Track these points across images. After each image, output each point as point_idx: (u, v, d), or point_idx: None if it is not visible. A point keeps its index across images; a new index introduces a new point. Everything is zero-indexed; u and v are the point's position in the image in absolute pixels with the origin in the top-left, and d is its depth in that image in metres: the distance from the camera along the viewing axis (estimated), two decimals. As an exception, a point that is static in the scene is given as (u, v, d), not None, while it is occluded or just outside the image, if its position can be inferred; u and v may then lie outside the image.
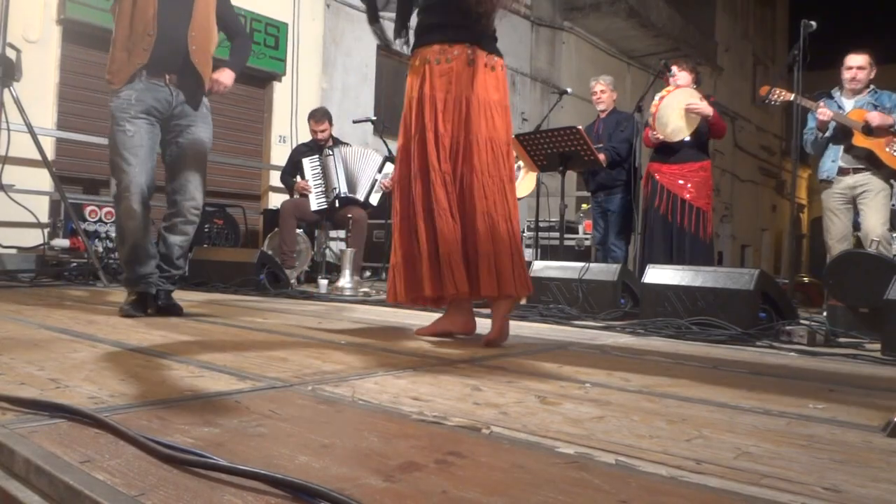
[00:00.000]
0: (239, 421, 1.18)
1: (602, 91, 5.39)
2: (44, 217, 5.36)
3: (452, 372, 1.78)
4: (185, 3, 2.94)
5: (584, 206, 7.40)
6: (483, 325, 2.54)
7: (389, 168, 5.70)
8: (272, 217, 6.65)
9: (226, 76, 3.09)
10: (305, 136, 6.72)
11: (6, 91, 4.53)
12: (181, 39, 2.93)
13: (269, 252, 5.38)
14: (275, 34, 7.91)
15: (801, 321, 3.18)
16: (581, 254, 6.77)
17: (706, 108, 4.53)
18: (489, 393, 1.51)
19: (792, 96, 4.43)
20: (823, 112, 4.35)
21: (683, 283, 3.22)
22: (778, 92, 4.53)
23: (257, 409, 1.26)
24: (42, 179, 5.17)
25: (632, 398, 1.52)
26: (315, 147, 5.81)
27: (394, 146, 6.25)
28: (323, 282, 5.03)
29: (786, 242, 4.73)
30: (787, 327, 2.87)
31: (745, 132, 19.38)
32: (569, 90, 5.81)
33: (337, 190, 5.55)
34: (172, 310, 2.98)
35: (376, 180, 5.67)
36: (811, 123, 4.58)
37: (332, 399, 1.39)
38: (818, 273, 5.46)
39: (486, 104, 2.42)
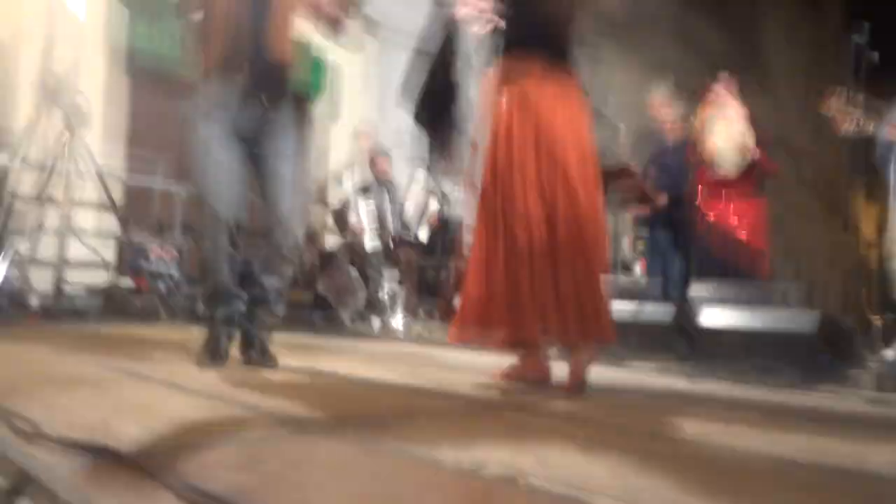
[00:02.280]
0: (276, 466, 1.18)
1: (667, 118, 5.14)
2: (110, 257, 5.59)
3: (497, 418, 1.75)
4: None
5: (641, 243, 7.28)
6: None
7: (433, 205, 5.77)
8: (328, 257, 6.75)
9: None
10: (359, 177, 6.84)
11: (77, 138, 4.77)
12: (260, 33, 2.55)
13: (323, 291, 5.46)
14: (330, 77, 8.16)
15: (869, 364, 3.03)
16: (637, 293, 6.64)
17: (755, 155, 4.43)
18: (531, 440, 1.48)
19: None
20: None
21: (741, 325, 3.12)
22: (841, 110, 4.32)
23: (296, 454, 1.27)
24: (109, 222, 5.39)
25: (680, 447, 1.47)
26: (371, 187, 5.91)
27: (445, 183, 6.33)
28: (376, 322, 5.06)
29: (852, 281, 4.52)
30: (852, 371, 2.74)
31: (804, 165, 18.81)
32: (621, 126, 5.75)
33: (390, 231, 5.63)
34: (267, 363, 2.57)
35: (422, 216, 5.73)
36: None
37: (370, 445, 1.38)
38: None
39: (565, 126, 2.25)
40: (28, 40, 5.82)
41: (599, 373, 2.94)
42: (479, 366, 3.02)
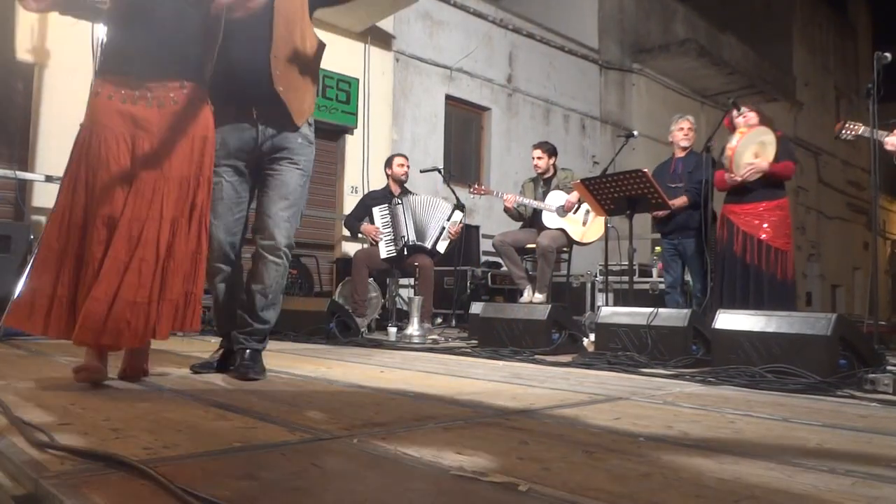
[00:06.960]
0: (279, 474, 1.19)
1: (690, 128, 5.26)
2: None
3: (504, 425, 1.75)
4: (262, 22, 2.57)
5: (658, 248, 7.24)
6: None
7: (458, 216, 5.78)
8: (344, 266, 6.78)
9: None
10: (376, 186, 6.89)
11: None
12: (262, 66, 2.60)
13: (340, 300, 5.49)
14: (346, 90, 8.20)
15: (889, 368, 2.98)
16: (656, 298, 6.61)
17: (761, 166, 4.41)
18: (536, 447, 1.48)
19: (862, 129, 4.24)
20: (892, 143, 4.11)
21: (756, 329, 3.08)
22: (851, 126, 4.34)
23: (299, 462, 1.28)
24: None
25: (686, 453, 1.46)
26: (386, 195, 5.94)
27: (462, 194, 6.35)
28: (392, 329, 5.08)
29: (868, 282, 4.46)
30: (871, 375, 2.70)
31: (830, 167, 18.62)
32: (635, 133, 5.74)
33: (405, 238, 5.64)
34: (246, 373, 2.51)
35: (444, 228, 5.74)
36: None
37: (374, 452, 1.39)
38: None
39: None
40: (51, 62, 5.95)
41: (618, 379, 2.93)
42: (491, 374, 3.02)
